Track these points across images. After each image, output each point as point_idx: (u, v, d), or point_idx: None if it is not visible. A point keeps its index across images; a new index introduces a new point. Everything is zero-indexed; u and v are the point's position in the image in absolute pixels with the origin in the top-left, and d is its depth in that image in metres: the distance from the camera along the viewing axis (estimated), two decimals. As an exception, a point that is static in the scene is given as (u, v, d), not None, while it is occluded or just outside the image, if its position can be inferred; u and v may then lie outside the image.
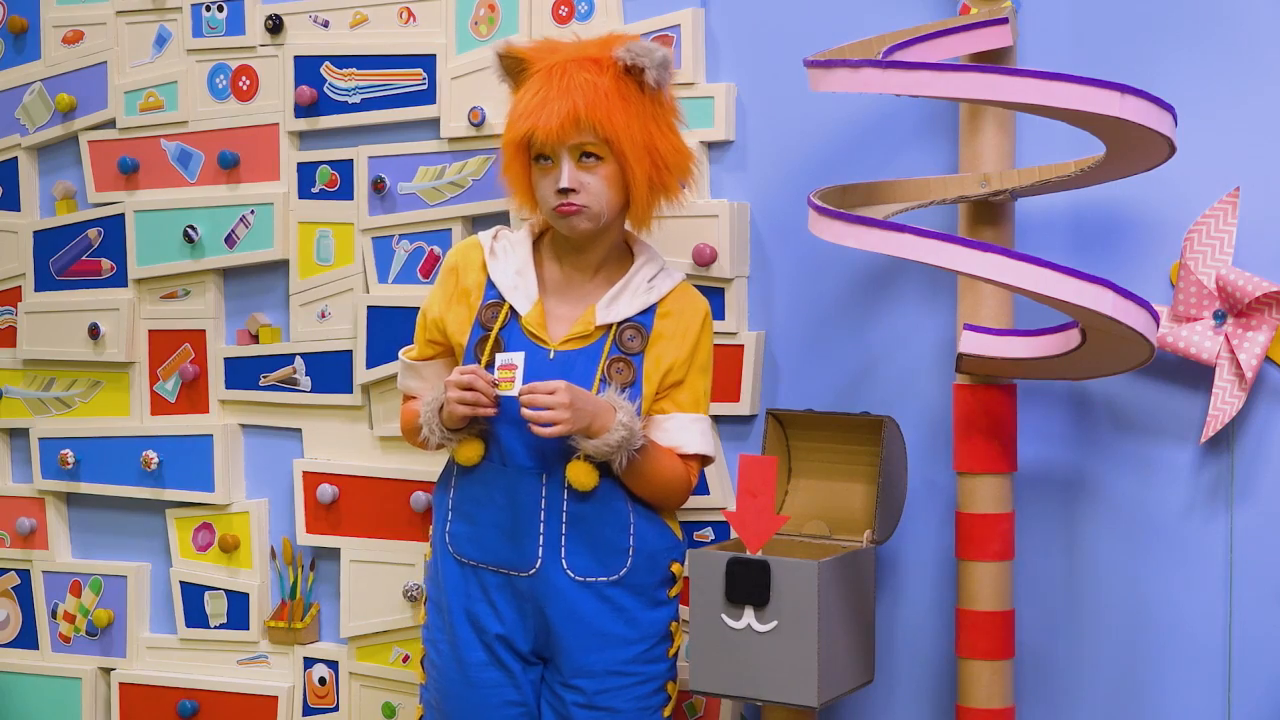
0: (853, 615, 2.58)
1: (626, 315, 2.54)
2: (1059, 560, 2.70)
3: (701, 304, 2.61)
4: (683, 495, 2.59)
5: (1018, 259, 2.21)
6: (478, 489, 2.56)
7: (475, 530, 2.56)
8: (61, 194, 3.45)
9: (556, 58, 2.50)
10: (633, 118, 2.48)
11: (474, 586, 2.57)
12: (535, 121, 2.46)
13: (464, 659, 2.57)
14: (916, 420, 2.76)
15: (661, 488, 2.55)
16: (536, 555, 2.51)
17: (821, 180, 2.71)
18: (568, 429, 2.39)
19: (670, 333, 2.56)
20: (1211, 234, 2.48)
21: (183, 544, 3.34)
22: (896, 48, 2.39)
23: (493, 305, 2.57)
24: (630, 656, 2.55)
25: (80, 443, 3.41)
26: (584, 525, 2.51)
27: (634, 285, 2.56)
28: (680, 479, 2.57)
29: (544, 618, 2.54)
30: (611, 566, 2.53)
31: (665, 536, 2.59)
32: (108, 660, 3.42)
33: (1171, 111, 2.23)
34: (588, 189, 2.49)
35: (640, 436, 2.46)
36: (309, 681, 3.24)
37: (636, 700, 2.56)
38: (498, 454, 2.53)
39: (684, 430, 2.57)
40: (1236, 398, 2.48)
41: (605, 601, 2.53)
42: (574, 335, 2.53)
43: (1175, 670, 2.62)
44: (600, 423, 2.42)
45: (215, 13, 3.27)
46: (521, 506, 2.51)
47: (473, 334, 2.57)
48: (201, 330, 3.32)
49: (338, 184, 3.17)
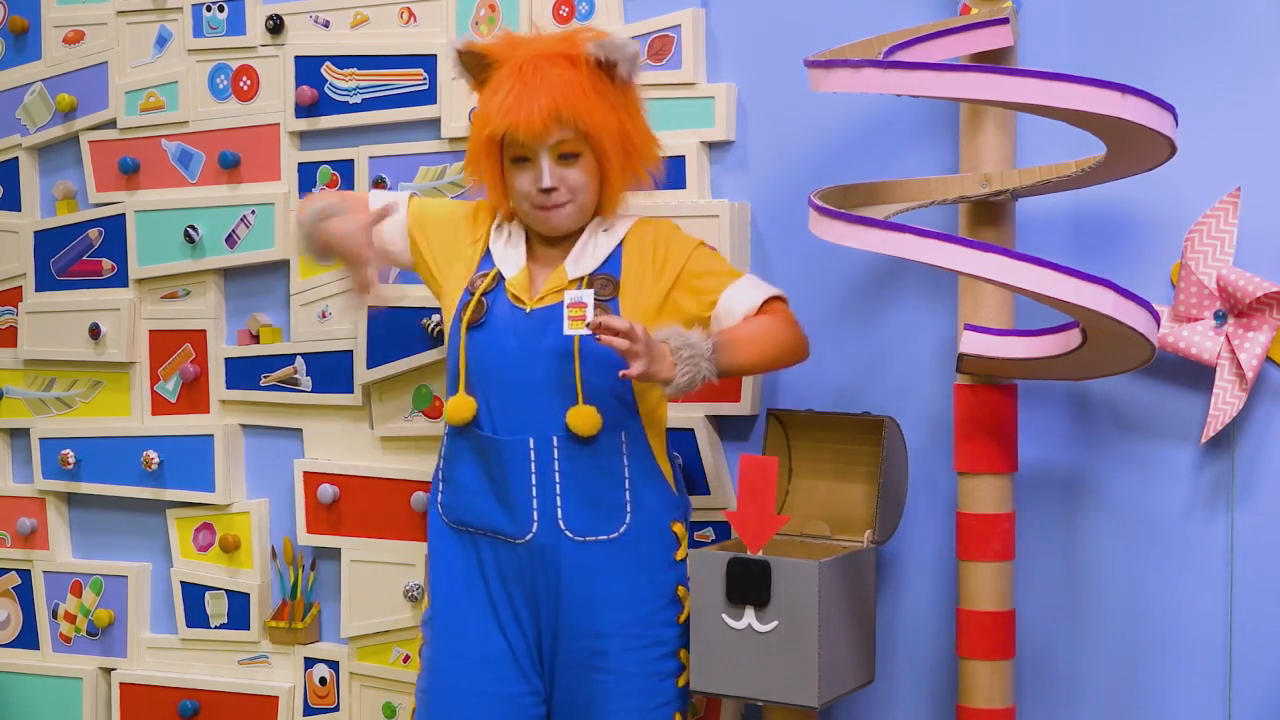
0: (853, 615, 2.58)
1: (594, 266, 2.55)
2: (1059, 560, 2.70)
3: (662, 221, 2.64)
4: (795, 337, 2.55)
5: (1018, 259, 2.21)
6: (468, 455, 2.56)
7: (468, 498, 2.57)
8: (62, 194, 3.45)
9: (524, 53, 2.50)
10: (609, 111, 2.51)
11: (471, 555, 2.58)
12: (515, 119, 2.46)
13: (462, 631, 2.57)
14: (917, 420, 2.76)
15: (774, 351, 2.52)
16: (532, 520, 2.52)
17: (822, 180, 2.71)
18: (643, 367, 2.31)
19: (641, 260, 2.56)
20: (1212, 234, 2.48)
21: (183, 544, 3.35)
22: (897, 48, 2.39)
23: (483, 274, 2.59)
24: (634, 618, 2.54)
25: (81, 443, 3.41)
26: (579, 482, 2.51)
27: (594, 239, 2.58)
28: (779, 329, 2.53)
29: (544, 582, 2.53)
30: (611, 524, 2.53)
31: (663, 494, 2.58)
32: (108, 660, 3.42)
33: (1172, 111, 2.22)
34: (567, 185, 2.51)
35: (706, 347, 2.39)
36: (310, 681, 3.25)
37: (644, 664, 2.54)
38: (488, 419, 2.53)
39: (739, 298, 2.54)
40: (1237, 398, 2.48)
41: (608, 560, 2.53)
42: (548, 290, 2.54)
43: (1176, 670, 2.62)
44: (665, 366, 2.35)
45: (216, 13, 3.28)
46: (512, 472, 2.51)
47: (461, 299, 2.58)
48: (202, 330, 3.32)
49: (338, 184, 3.17)
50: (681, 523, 2.62)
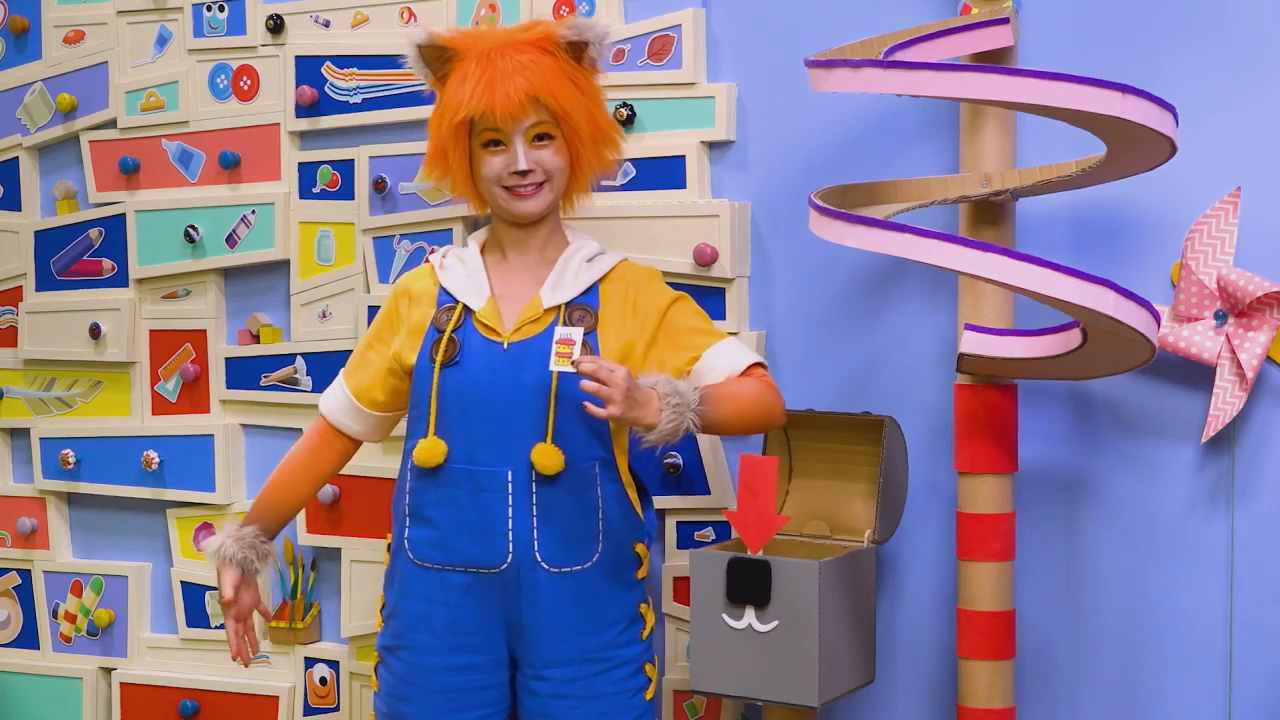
0: (853, 615, 2.58)
1: (571, 295, 2.54)
2: (1059, 560, 2.70)
3: (648, 269, 2.63)
4: (776, 401, 2.55)
5: (1019, 259, 2.21)
6: (438, 491, 2.53)
7: (437, 534, 2.54)
8: (62, 194, 3.45)
9: (487, 43, 2.50)
10: (580, 95, 2.51)
11: (436, 590, 2.54)
12: (490, 100, 2.44)
13: (425, 664, 2.55)
14: (917, 420, 2.76)
15: (758, 413, 2.52)
16: (507, 550, 2.49)
17: (822, 180, 2.71)
18: (618, 412, 2.30)
19: (621, 302, 2.55)
20: (1212, 234, 2.48)
21: (184, 544, 3.35)
22: (897, 48, 2.39)
23: (447, 309, 2.57)
24: (603, 642, 2.54)
25: (81, 442, 3.41)
26: (554, 515, 2.50)
27: (574, 266, 2.57)
28: (764, 393, 2.53)
29: (514, 612, 2.52)
30: (584, 554, 2.52)
31: (630, 518, 2.58)
32: (109, 660, 3.42)
33: (1173, 111, 2.22)
34: (543, 167, 2.51)
35: (694, 398, 2.38)
36: (310, 681, 3.25)
37: (613, 684, 2.54)
38: (463, 453, 2.51)
39: (723, 358, 2.54)
40: (1237, 398, 2.48)
41: (578, 590, 2.52)
42: (524, 321, 2.52)
43: (1176, 670, 2.62)
44: (650, 411, 2.34)
45: (216, 13, 3.28)
46: (488, 504, 2.49)
47: (427, 337, 2.56)
48: (202, 330, 3.32)
49: (339, 184, 3.17)
50: (643, 543, 2.61)
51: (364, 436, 2.73)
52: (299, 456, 2.73)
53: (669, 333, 2.56)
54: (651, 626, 2.62)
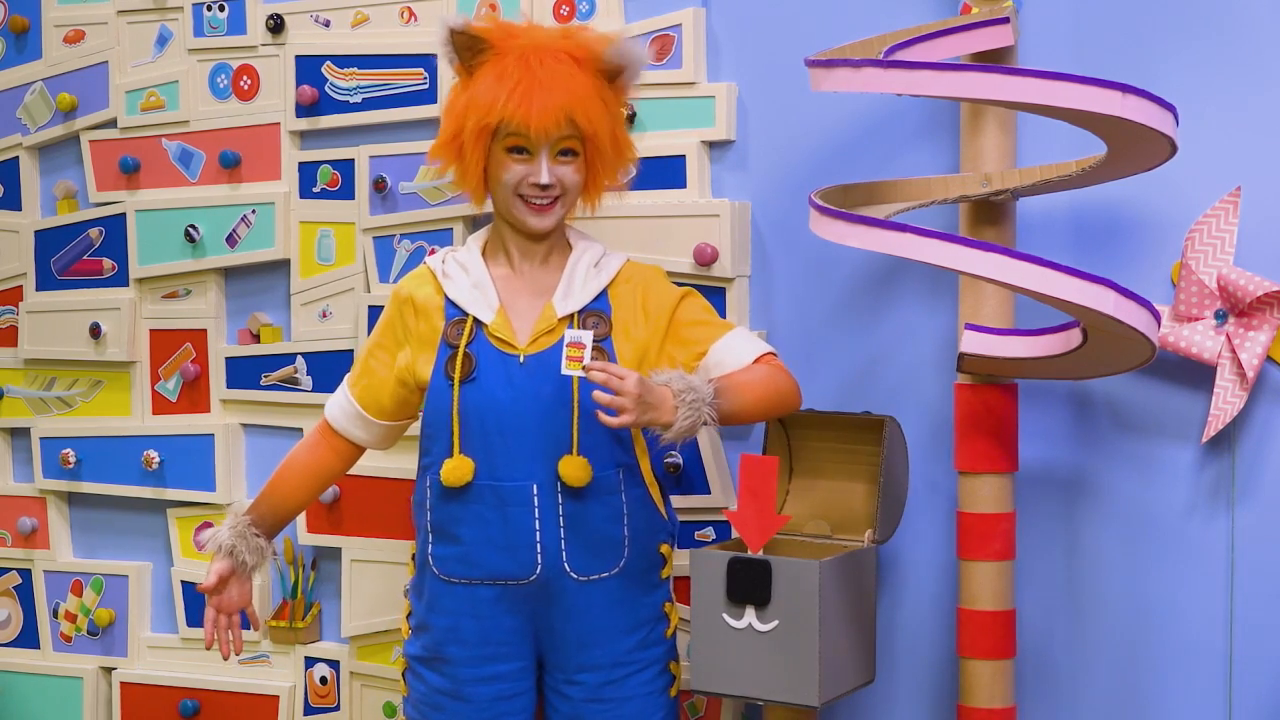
0: (854, 615, 2.58)
1: (583, 303, 2.53)
2: (1060, 560, 2.70)
3: (653, 268, 2.63)
4: (789, 384, 2.55)
5: (1019, 258, 2.21)
6: (462, 508, 2.51)
7: (463, 549, 2.52)
8: (63, 193, 3.45)
9: (524, 43, 2.48)
10: (609, 116, 2.51)
11: (465, 604, 2.54)
12: (526, 112, 2.42)
13: (459, 676, 2.55)
14: (918, 420, 2.76)
15: (774, 398, 2.52)
16: (535, 563, 2.49)
17: (822, 180, 2.71)
18: (631, 420, 2.29)
19: (632, 304, 2.55)
20: (1213, 233, 2.48)
21: (184, 543, 3.35)
22: (897, 47, 2.39)
23: (457, 323, 2.54)
24: (632, 645, 2.55)
25: (81, 442, 3.41)
26: (581, 524, 2.49)
27: (581, 271, 2.56)
28: (777, 378, 2.53)
29: (544, 619, 2.53)
30: (611, 560, 2.52)
31: (654, 519, 2.58)
32: (109, 660, 3.42)
33: (1173, 111, 2.22)
34: (563, 183, 2.50)
35: (708, 391, 2.37)
36: (310, 681, 3.25)
37: (643, 685, 2.55)
38: (486, 469, 2.49)
39: (731, 350, 2.54)
40: (1238, 397, 2.48)
41: (606, 595, 2.52)
42: (539, 333, 2.51)
43: (1176, 670, 2.62)
44: (665, 411, 2.33)
45: (216, 12, 3.28)
46: (514, 518, 2.48)
47: (440, 354, 2.54)
48: (203, 330, 3.32)
49: (339, 183, 3.17)
50: (668, 543, 2.62)
51: (370, 444, 2.72)
52: (302, 457, 2.73)
53: (678, 329, 2.56)
54: (675, 625, 2.63)
